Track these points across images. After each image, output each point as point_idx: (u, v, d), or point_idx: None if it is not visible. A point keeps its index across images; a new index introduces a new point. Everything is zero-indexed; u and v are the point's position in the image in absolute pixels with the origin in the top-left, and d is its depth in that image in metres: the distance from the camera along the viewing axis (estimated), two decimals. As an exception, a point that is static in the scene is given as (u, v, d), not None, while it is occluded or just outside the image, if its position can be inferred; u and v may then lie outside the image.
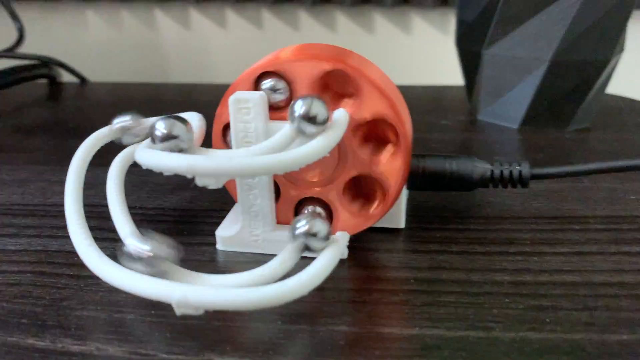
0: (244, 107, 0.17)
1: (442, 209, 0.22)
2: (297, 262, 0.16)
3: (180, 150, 0.16)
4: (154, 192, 0.24)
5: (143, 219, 0.22)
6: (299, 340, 0.15)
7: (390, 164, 0.18)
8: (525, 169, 0.21)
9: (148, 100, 0.37)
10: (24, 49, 0.47)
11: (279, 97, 0.18)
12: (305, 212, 0.20)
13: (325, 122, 0.16)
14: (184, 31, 0.53)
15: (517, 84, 0.30)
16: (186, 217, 0.22)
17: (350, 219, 0.19)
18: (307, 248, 0.16)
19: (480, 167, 0.21)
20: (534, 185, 0.24)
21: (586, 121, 0.32)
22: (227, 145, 0.19)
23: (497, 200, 0.23)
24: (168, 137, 0.15)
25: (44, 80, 0.45)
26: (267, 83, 0.18)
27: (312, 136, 0.16)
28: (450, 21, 0.49)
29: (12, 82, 0.38)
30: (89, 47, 0.54)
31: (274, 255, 0.16)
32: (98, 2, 0.53)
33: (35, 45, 0.52)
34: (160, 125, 0.16)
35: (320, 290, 0.17)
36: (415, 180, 0.21)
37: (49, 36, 0.54)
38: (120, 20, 0.53)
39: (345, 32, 0.52)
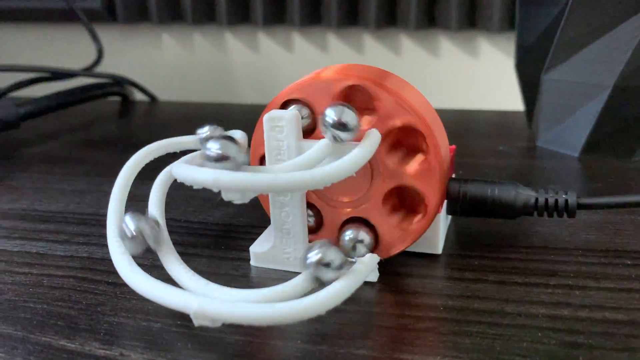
0: (277, 126, 0.18)
1: (484, 237, 0.22)
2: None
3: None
4: (200, 207, 0.25)
5: (186, 232, 0.23)
6: (315, 361, 0.15)
7: (421, 172, 0.18)
8: (572, 197, 0.20)
9: (214, 118, 0.38)
10: (102, 68, 0.50)
11: (304, 123, 0.18)
12: (346, 236, 0.19)
13: (357, 128, 0.16)
14: (252, 54, 0.55)
15: (578, 110, 0.29)
16: (227, 232, 0.23)
17: (392, 234, 0.19)
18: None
19: (524, 194, 0.20)
20: (587, 217, 0.23)
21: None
22: None
23: (545, 230, 0.22)
24: (221, 158, 0.16)
25: (117, 98, 0.48)
26: (291, 109, 0.18)
27: (346, 143, 0.16)
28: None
29: (85, 99, 0.40)
30: (163, 67, 0.57)
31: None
32: (173, 26, 0.55)
33: (114, 65, 0.55)
34: (214, 146, 0.16)
35: (345, 312, 0.17)
36: (456, 205, 0.21)
37: (126, 57, 0.57)
38: (193, 42, 0.56)
39: (409, 56, 0.52)
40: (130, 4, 0.53)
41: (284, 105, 0.19)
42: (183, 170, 0.16)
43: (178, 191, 0.27)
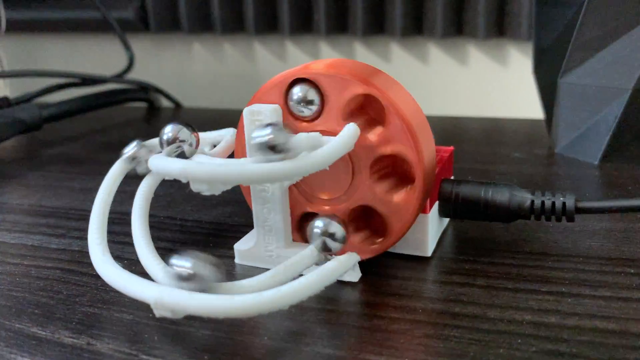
0: (257, 119, 0.18)
1: (481, 241, 0.21)
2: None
3: (183, 154, 0.16)
4: (197, 206, 0.25)
5: (179, 230, 0.23)
6: (277, 358, 0.15)
7: (401, 204, 0.18)
8: (570, 201, 0.19)
9: (234, 124, 0.38)
10: (135, 75, 0.51)
11: (307, 112, 0.18)
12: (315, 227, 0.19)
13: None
14: (280, 62, 0.55)
15: (596, 115, 0.28)
16: (219, 230, 0.23)
17: (353, 247, 0.18)
18: (325, 248, 0.16)
19: (519, 196, 0.19)
20: (595, 223, 0.22)
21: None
22: None
23: (547, 237, 0.21)
24: (173, 141, 0.16)
25: (144, 104, 0.49)
26: (298, 92, 0.17)
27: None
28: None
29: (107, 104, 0.42)
30: (193, 75, 0.58)
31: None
32: (203, 35, 0.56)
33: (147, 72, 0.57)
34: (167, 130, 0.16)
35: (319, 311, 0.17)
36: (448, 206, 0.20)
37: (158, 65, 0.58)
38: (223, 51, 0.57)
39: (436, 64, 0.51)
40: (162, 14, 0.54)
41: (292, 85, 0.18)
42: (156, 161, 0.16)
43: (179, 190, 0.27)
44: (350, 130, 0.17)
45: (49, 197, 0.27)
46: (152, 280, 0.16)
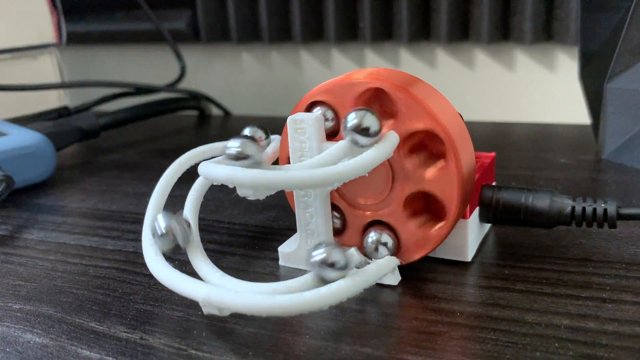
0: (300, 127, 0.18)
1: (523, 247, 0.21)
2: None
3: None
4: (245, 210, 0.26)
5: (226, 232, 0.24)
6: (317, 356, 0.15)
7: (438, 177, 0.18)
8: (612, 207, 0.19)
9: (278, 131, 0.39)
10: (186, 84, 0.53)
11: (328, 125, 0.19)
12: (369, 238, 0.19)
13: (377, 134, 0.16)
14: (326, 70, 0.56)
15: (644, 120, 0.27)
16: (265, 233, 0.23)
17: (412, 239, 0.19)
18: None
19: (560, 203, 0.19)
20: (640, 230, 0.22)
21: None
22: None
23: (589, 243, 0.21)
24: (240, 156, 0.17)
25: (195, 112, 0.50)
26: (316, 112, 0.19)
27: (365, 148, 0.17)
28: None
29: (161, 112, 0.43)
30: (242, 84, 0.60)
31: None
32: (252, 45, 0.58)
33: (197, 81, 0.59)
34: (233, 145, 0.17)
35: (358, 312, 0.17)
36: (489, 212, 0.20)
37: (208, 74, 0.60)
38: (271, 60, 0.58)
39: (483, 69, 0.51)
40: (213, 25, 0.56)
41: (310, 108, 0.19)
42: (205, 168, 0.17)
43: (228, 196, 0.28)
44: (390, 138, 0.17)
45: (105, 201, 0.28)
46: (201, 279, 0.17)
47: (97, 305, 0.19)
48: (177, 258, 0.21)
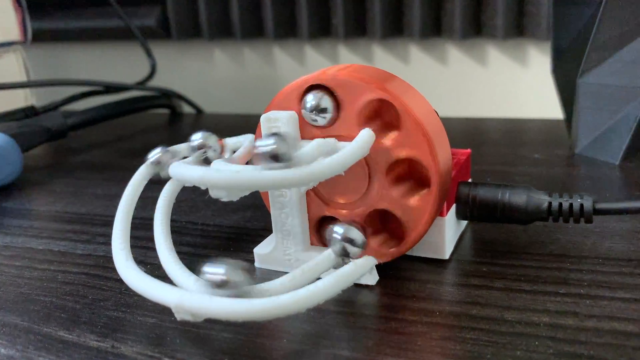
0: (274, 126, 0.18)
1: (500, 243, 0.21)
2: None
3: (208, 160, 0.16)
4: (219, 211, 0.25)
5: (200, 234, 0.23)
6: (295, 360, 0.15)
7: (417, 208, 0.18)
8: (588, 202, 0.19)
9: (252, 129, 0.39)
10: (157, 82, 0.52)
11: (321, 120, 0.18)
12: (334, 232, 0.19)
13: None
14: (299, 67, 0.55)
15: (616, 115, 0.28)
16: (240, 235, 0.23)
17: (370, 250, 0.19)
18: (344, 253, 0.16)
19: (536, 198, 0.19)
20: (615, 224, 0.22)
21: None
22: None
23: (566, 238, 0.21)
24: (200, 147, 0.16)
25: (166, 111, 0.49)
26: (311, 100, 0.18)
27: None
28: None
29: (131, 111, 0.42)
30: (214, 81, 0.59)
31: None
32: (224, 41, 0.57)
33: (168, 79, 0.58)
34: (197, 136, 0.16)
35: (336, 314, 0.17)
36: (465, 209, 0.20)
37: (180, 71, 0.59)
38: (243, 57, 0.57)
39: (455, 65, 0.51)
40: (183, 22, 0.55)
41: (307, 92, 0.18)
42: (177, 169, 0.17)
43: (201, 196, 0.27)
44: (365, 136, 0.17)
45: (75, 203, 0.28)
46: (173, 284, 0.16)
47: (66, 312, 0.18)
48: (149, 262, 0.21)
